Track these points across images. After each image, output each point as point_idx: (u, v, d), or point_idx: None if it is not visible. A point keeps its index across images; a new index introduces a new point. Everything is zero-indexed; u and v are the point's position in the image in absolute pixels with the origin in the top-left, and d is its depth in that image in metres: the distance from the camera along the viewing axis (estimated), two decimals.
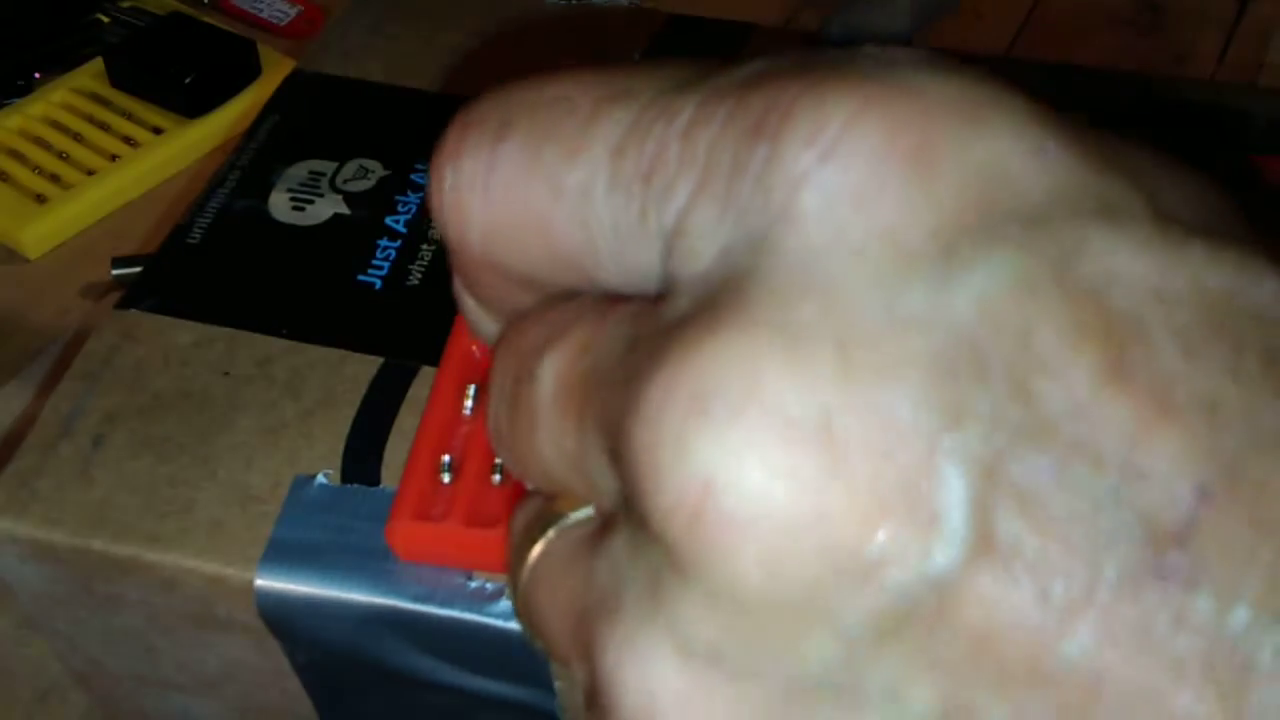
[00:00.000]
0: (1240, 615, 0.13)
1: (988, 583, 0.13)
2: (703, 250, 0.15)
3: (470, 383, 0.31)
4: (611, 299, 0.16)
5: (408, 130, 0.38)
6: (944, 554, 0.13)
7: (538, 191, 0.16)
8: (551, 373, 0.16)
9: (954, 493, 0.13)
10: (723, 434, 0.13)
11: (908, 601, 0.13)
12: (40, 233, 0.50)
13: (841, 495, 0.13)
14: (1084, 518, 0.13)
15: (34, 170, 0.51)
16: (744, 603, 0.14)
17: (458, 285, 0.20)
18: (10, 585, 0.31)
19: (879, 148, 0.14)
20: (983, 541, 0.13)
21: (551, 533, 0.18)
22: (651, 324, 0.15)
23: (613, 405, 0.15)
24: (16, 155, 0.52)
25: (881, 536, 0.13)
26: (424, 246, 0.35)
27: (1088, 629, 0.13)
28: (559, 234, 0.16)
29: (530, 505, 0.19)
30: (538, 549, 0.18)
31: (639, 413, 0.14)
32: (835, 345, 0.13)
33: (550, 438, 0.17)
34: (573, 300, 0.17)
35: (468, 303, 0.20)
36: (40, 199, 0.50)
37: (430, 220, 0.35)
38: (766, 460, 0.13)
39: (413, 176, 0.37)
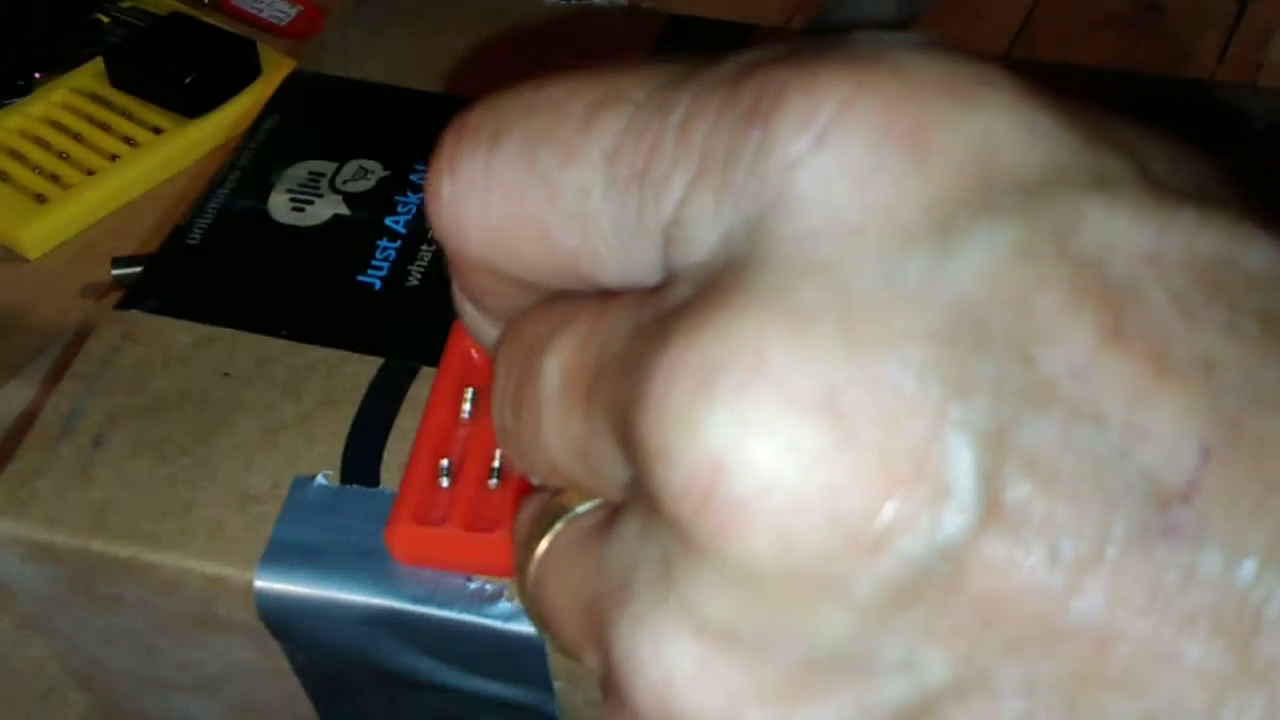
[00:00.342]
0: (1248, 568, 0.13)
1: (998, 547, 0.13)
2: (702, 238, 0.15)
3: (468, 386, 0.31)
4: (610, 294, 0.17)
5: (408, 130, 0.38)
6: (954, 521, 0.13)
7: (534, 195, 0.16)
8: (556, 365, 0.17)
9: (962, 460, 0.13)
10: (730, 412, 0.13)
11: (920, 570, 0.13)
12: (40, 233, 0.50)
13: (850, 467, 0.13)
14: (1090, 478, 0.13)
15: (34, 170, 0.51)
16: (757, 579, 0.14)
17: (456, 291, 0.20)
18: (10, 585, 0.31)
19: (873, 129, 0.14)
20: (992, 507, 0.13)
21: (559, 525, 0.18)
22: (654, 310, 0.15)
23: (619, 391, 0.15)
24: (16, 155, 0.52)
25: (891, 507, 0.13)
26: (423, 247, 0.35)
27: (1098, 587, 0.13)
28: (557, 236, 0.16)
29: (535, 500, 0.19)
30: (545, 542, 0.18)
31: (646, 396, 0.14)
32: (838, 320, 0.13)
33: (557, 430, 0.17)
34: (572, 296, 0.17)
35: (466, 308, 0.20)
36: (40, 199, 0.50)
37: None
38: (775, 436, 0.13)
39: (412, 177, 0.37)
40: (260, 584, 0.29)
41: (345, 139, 0.38)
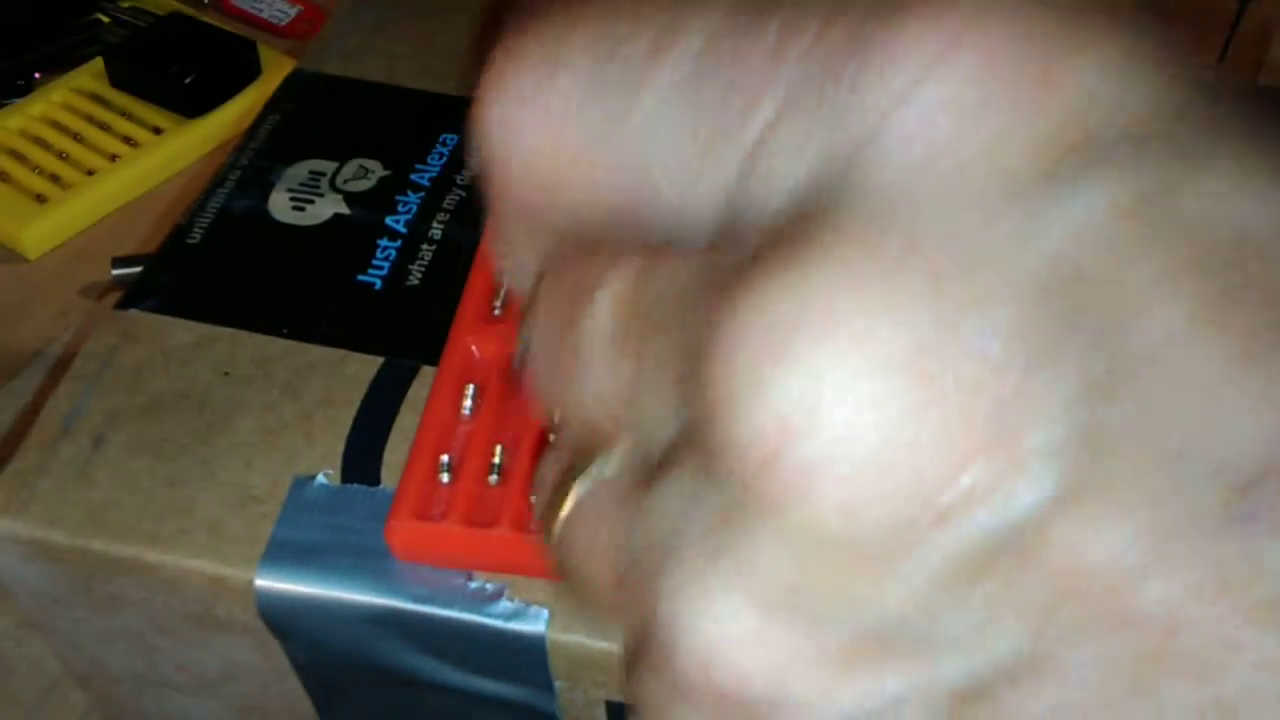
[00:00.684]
0: None
1: (1073, 525, 0.13)
2: (784, 173, 0.14)
3: (469, 383, 0.31)
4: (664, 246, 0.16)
5: (408, 130, 0.38)
6: (1031, 495, 0.13)
7: (596, 123, 0.15)
8: (608, 306, 0.16)
9: (1043, 432, 0.13)
10: (804, 367, 0.13)
11: (993, 544, 0.13)
12: (40, 233, 0.50)
13: (928, 432, 0.13)
14: (1169, 460, 0.13)
15: (34, 170, 0.51)
16: (821, 544, 0.13)
17: (494, 229, 0.18)
18: (10, 585, 0.31)
19: (981, 70, 0.13)
20: (1070, 483, 0.13)
21: (590, 479, 0.17)
22: (725, 254, 0.14)
23: (681, 339, 0.14)
24: (16, 155, 0.52)
25: (969, 476, 0.13)
26: (424, 246, 0.35)
27: (1169, 571, 0.13)
28: (617, 170, 0.15)
29: (559, 454, 0.18)
30: (574, 496, 0.17)
31: (714, 345, 0.13)
32: (926, 276, 0.13)
33: (601, 376, 0.16)
34: (624, 243, 0.16)
35: (504, 248, 0.19)
36: (40, 199, 0.50)
37: (430, 220, 0.36)
38: (850, 394, 0.13)
39: (412, 176, 0.37)
40: (260, 584, 0.29)
41: (345, 138, 0.38)
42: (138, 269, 0.37)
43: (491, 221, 0.18)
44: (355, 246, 0.35)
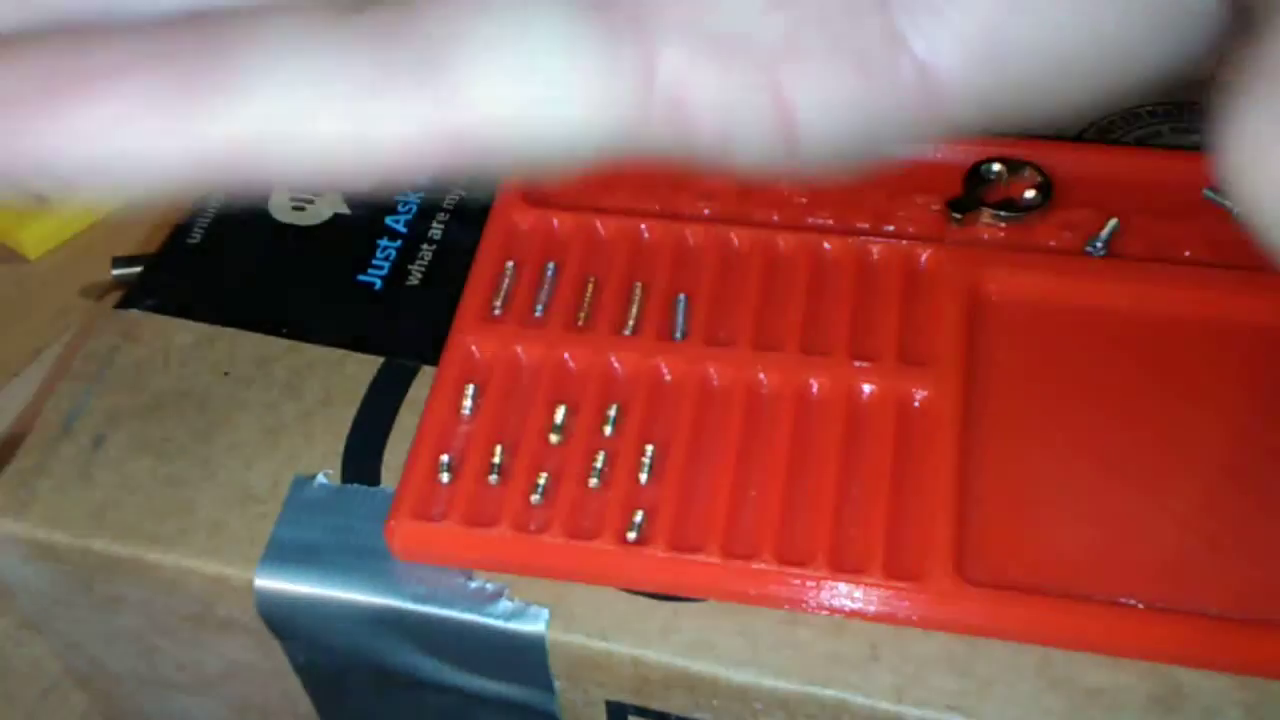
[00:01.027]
0: None
1: None
2: None
3: (469, 383, 0.31)
4: None
5: None
6: None
7: None
8: None
9: None
10: None
11: None
12: (40, 233, 0.50)
13: None
14: None
15: None
16: None
17: None
18: (10, 585, 0.31)
19: None
20: None
21: None
22: None
23: None
24: None
25: None
26: (424, 246, 0.35)
27: None
28: None
29: None
30: None
31: None
32: None
33: None
34: None
35: None
36: (40, 199, 0.50)
37: (430, 220, 0.35)
38: None
39: None
40: (260, 583, 0.29)
41: None
42: (138, 269, 0.37)
43: None
44: (355, 246, 0.35)
